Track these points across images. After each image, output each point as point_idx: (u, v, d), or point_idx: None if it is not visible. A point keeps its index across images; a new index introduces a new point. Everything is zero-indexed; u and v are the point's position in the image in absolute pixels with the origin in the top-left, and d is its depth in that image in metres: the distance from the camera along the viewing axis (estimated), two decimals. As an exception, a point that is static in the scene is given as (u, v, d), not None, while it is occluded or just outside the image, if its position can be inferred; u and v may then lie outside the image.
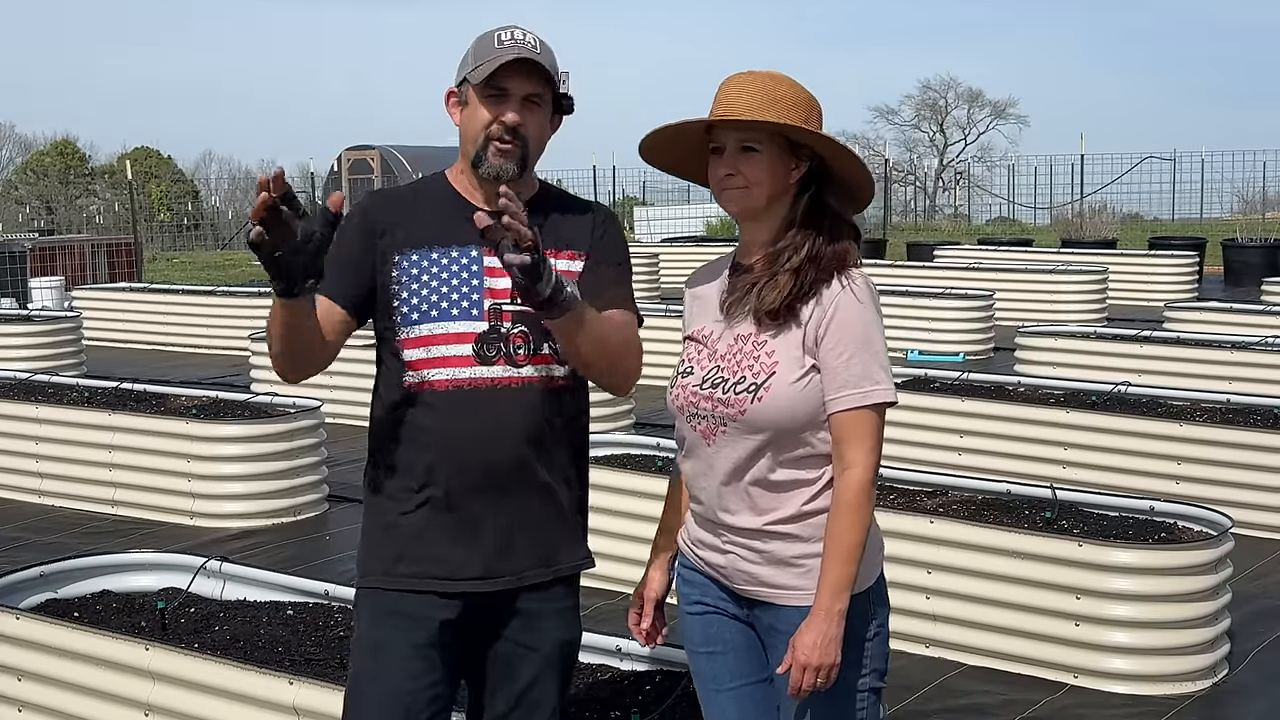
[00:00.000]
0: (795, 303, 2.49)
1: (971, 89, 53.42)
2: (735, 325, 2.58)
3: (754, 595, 2.59)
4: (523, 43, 2.64)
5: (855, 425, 2.48)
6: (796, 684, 2.46)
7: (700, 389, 2.58)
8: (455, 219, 2.69)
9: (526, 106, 2.65)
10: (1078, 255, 16.89)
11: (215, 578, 4.50)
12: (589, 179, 29.88)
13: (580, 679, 3.81)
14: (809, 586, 2.51)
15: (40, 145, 47.96)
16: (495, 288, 2.67)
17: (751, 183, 2.52)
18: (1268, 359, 9.11)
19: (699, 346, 2.65)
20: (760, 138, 2.51)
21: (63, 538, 6.72)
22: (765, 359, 2.51)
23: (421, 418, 2.67)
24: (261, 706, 3.70)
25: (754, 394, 2.49)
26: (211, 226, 35.34)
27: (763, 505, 2.54)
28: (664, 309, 11.93)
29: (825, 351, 2.48)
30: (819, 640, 2.44)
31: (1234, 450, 6.54)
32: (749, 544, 2.56)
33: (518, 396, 2.68)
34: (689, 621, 2.72)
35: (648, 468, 5.85)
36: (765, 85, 2.51)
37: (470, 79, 2.65)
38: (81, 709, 4.06)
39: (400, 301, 2.67)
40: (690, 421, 2.61)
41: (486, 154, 2.66)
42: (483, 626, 2.72)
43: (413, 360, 2.67)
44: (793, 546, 2.53)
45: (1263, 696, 4.67)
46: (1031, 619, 4.74)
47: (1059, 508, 5.09)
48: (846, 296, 2.49)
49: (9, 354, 10.98)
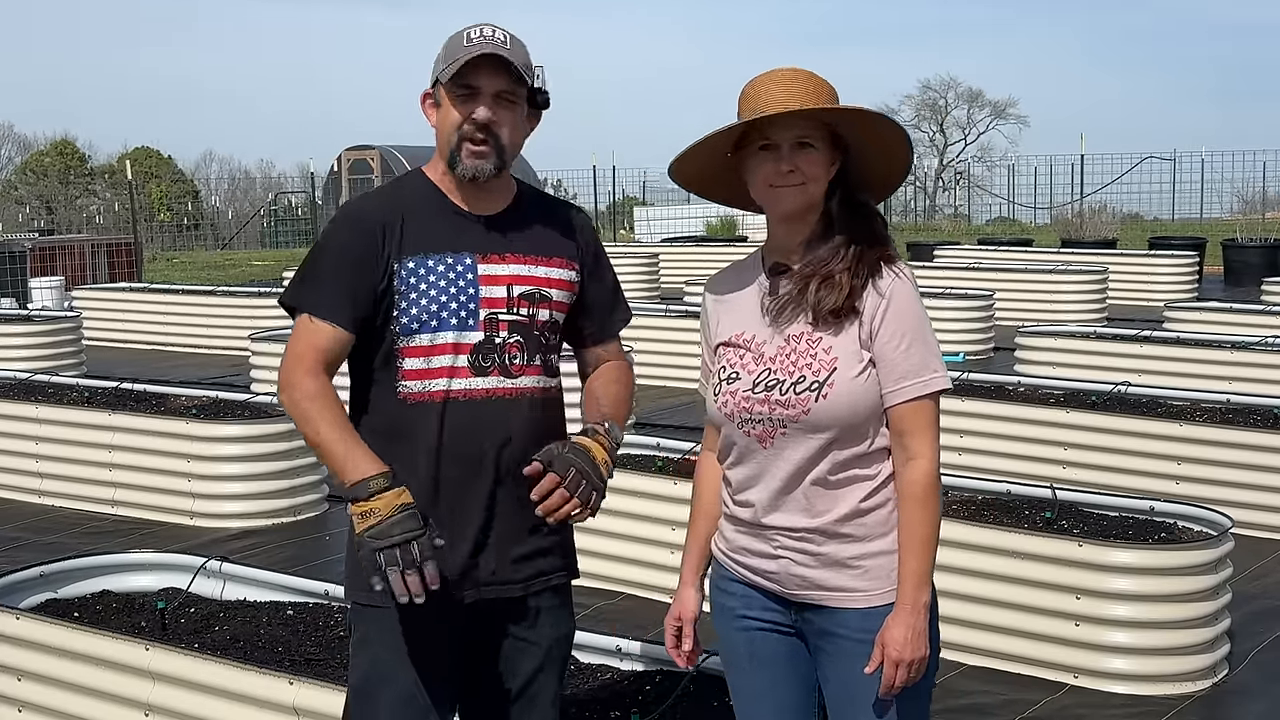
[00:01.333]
0: (854, 299, 2.47)
1: (971, 89, 53.46)
2: (785, 327, 2.53)
3: (808, 599, 2.54)
4: (491, 39, 2.59)
5: (918, 415, 2.47)
6: (890, 681, 2.43)
7: (753, 393, 2.52)
8: (447, 224, 2.66)
9: (499, 104, 2.60)
10: (1078, 255, 16.90)
11: (215, 578, 4.50)
12: (589, 179, 29.89)
13: (580, 679, 3.82)
14: (865, 588, 2.49)
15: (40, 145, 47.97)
16: (490, 296, 2.65)
17: (809, 178, 2.49)
18: (1268, 359, 9.10)
19: (740, 351, 2.58)
20: (816, 133, 2.48)
21: (63, 538, 6.72)
22: (823, 356, 2.47)
23: (418, 428, 2.62)
24: (261, 706, 3.70)
25: (817, 392, 2.45)
26: (211, 226, 35.35)
27: (820, 506, 2.50)
28: (664, 309, 11.96)
29: (882, 343, 2.46)
30: (908, 635, 2.42)
31: (1234, 450, 6.53)
32: (803, 546, 2.51)
33: (513, 407, 2.67)
34: (731, 635, 2.67)
35: (648, 468, 5.85)
36: (808, 80, 2.48)
37: (441, 79, 2.61)
38: (81, 709, 4.06)
39: (400, 311, 2.62)
40: (743, 427, 2.55)
41: (460, 155, 2.62)
42: (484, 627, 2.72)
43: (412, 370, 2.62)
44: (848, 547, 2.50)
45: (1263, 696, 4.67)
46: (1031, 619, 4.74)
47: (1059, 508, 5.09)
48: (899, 287, 2.47)
49: (9, 354, 10.98)
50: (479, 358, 2.64)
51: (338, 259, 2.63)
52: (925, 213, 35.10)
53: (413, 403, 2.63)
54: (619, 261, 17.86)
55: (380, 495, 2.46)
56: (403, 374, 2.63)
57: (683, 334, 10.80)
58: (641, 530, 5.58)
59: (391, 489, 2.48)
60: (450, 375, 2.62)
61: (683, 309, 11.89)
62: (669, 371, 10.53)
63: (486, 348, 2.64)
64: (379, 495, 2.46)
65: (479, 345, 2.64)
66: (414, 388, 2.63)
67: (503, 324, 2.66)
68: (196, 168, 49.45)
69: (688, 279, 14.74)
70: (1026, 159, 36.22)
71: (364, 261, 2.62)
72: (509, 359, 2.66)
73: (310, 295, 2.64)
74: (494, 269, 2.67)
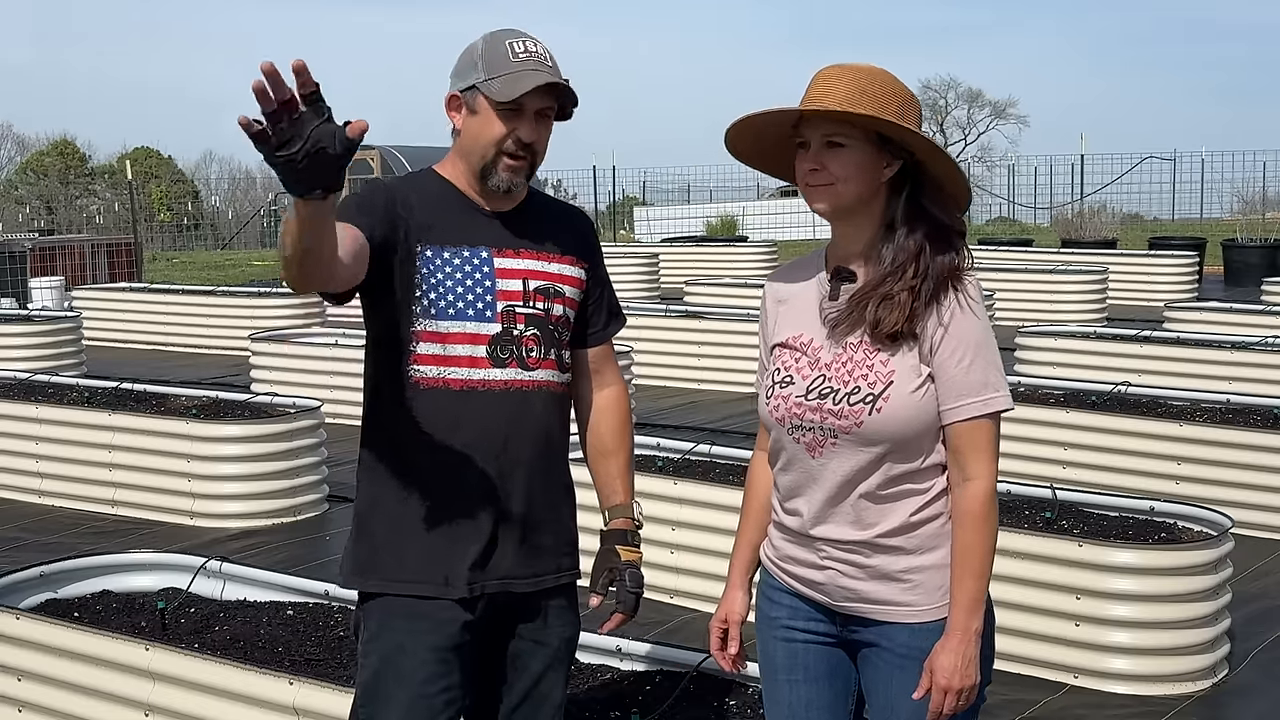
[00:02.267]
0: (914, 322, 2.37)
1: (971, 89, 53.65)
2: (842, 334, 2.44)
3: (855, 612, 2.48)
4: (539, 57, 2.59)
5: (976, 435, 2.38)
6: (938, 709, 2.36)
7: (806, 399, 2.44)
8: (463, 218, 2.68)
9: (539, 121, 2.63)
10: (1078, 255, 16.91)
11: (215, 578, 4.50)
12: (589, 179, 29.88)
13: (580, 679, 3.82)
14: (914, 602, 2.43)
15: (40, 145, 47.98)
16: (507, 289, 2.67)
17: (838, 179, 2.39)
18: (1268, 359, 9.10)
19: (796, 354, 2.49)
20: (849, 132, 2.37)
21: (63, 538, 6.71)
22: (880, 368, 2.38)
23: (436, 416, 2.62)
24: (261, 706, 3.70)
25: (871, 405, 2.37)
26: (211, 226, 35.36)
27: (868, 519, 2.43)
28: (664, 309, 11.95)
29: (942, 359, 2.37)
30: (959, 663, 2.35)
31: (1234, 450, 6.53)
32: (851, 559, 2.45)
33: (530, 399, 2.68)
34: (772, 645, 2.61)
35: (648, 468, 5.84)
36: (857, 78, 2.37)
37: (486, 90, 2.58)
38: (81, 709, 4.06)
39: (421, 293, 2.62)
40: (793, 434, 2.47)
41: (497, 167, 2.63)
42: (494, 624, 2.71)
43: (429, 355, 2.62)
44: (898, 560, 2.42)
45: (1263, 696, 4.67)
46: (1031, 619, 4.74)
47: (1059, 508, 5.09)
48: (963, 302, 2.38)
49: (9, 354, 10.97)
50: (497, 349, 2.65)
51: (360, 202, 2.57)
52: (925, 213, 35.02)
53: (426, 387, 2.62)
54: (619, 261, 17.89)
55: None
56: (415, 358, 2.62)
57: (683, 334, 10.80)
58: (641, 530, 5.57)
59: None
60: (470, 365, 2.63)
61: (683, 309, 11.89)
62: (669, 371, 10.53)
63: (504, 340, 2.65)
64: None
65: (497, 337, 2.65)
66: (429, 373, 2.62)
67: (520, 317, 2.67)
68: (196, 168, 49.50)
69: (688, 279, 14.73)
70: (1026, 159, 36.20)
71: (389, 215, 2.57)
72: (526, 352, 2.67)
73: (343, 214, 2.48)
74: (510, 263, 2.68)
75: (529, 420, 2.68)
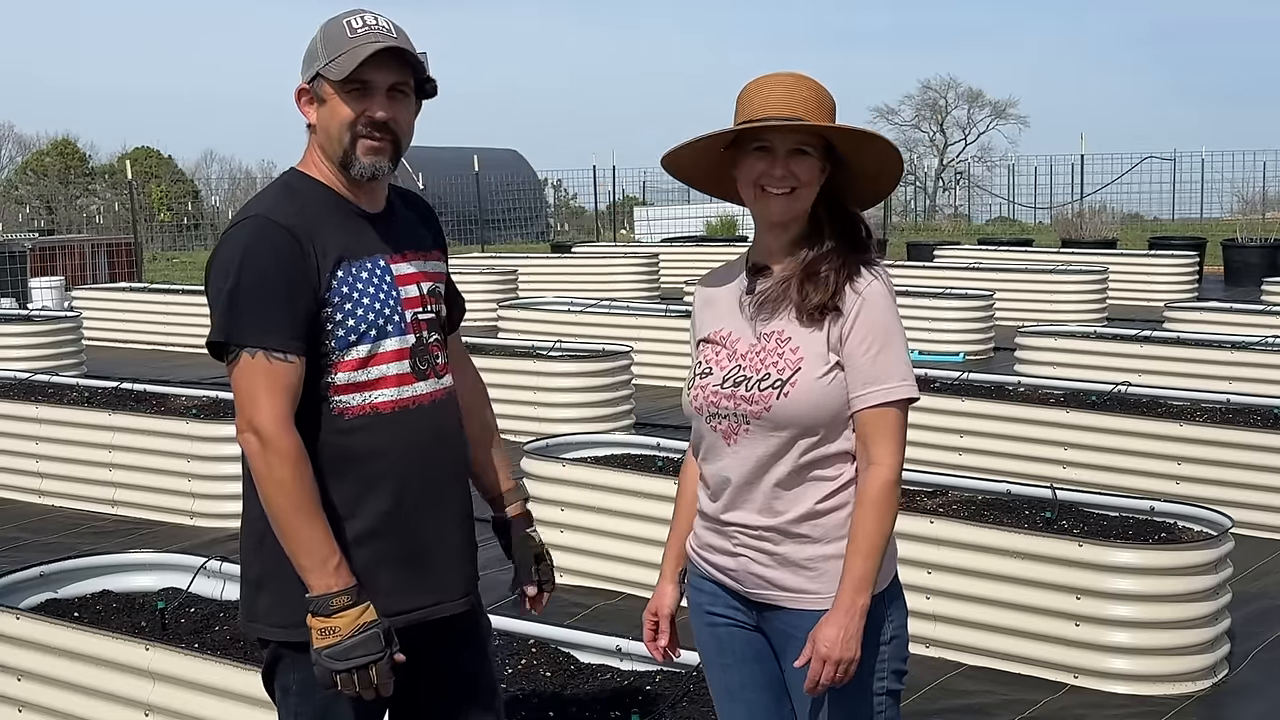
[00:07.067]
0: (838, 298, 2.48)
1: (971, 89, 53.56)
2: (760, 325, 2.55)
3: (765, 599, 2.56)
4: (379, 29, 2.44)
5: (881, 422, 2.48)
6: (815, 677, 2.44)
7: (721, 388, 2.55)
8: (354, 226, 2.52)
9: (392, 97, 2.47)
10: (1078, 255, 16.89)
11: (215, 578, 4.50)
12: (589, 179, 29.86)
13: (580, 679, 3.82)
14: (820, 590, 2.50)
15: (40, 145, 47.97)
16: (409, 296, 2.55)
17: (802, 184, 2.50)
18: (1268, 359, 9.10)
19: (716, 348, 2.60)
20: (815, 141, 2.49)
21: (63, 538, 6.72)
22: (790, 355, 2.49)
23: (367, 444, 2.47)
24: (262, 706, 3.69)
25: (779, 390, 2.47)
26: (211, 226, 35.31)
27: (778, 506, 2.52)
28: (664, 309, 11.96)
29: (851, 348, 2.47)
30: (840, 635, 2.43)
31: (1234, 450, 6.53)
32: (760, 545, 2.54)
33: (447, 409, 2.60)
34: (703, 632, 2.70)
35: (648, 468, 5.85)
36: (811, 89, 2.49)
37: (327, 74, 2.44)
38: (81, 709, 4.06)
39: (335, 324, 2.45)
40: (710, 422, 2.57)
41: (356, 153, 2.46)
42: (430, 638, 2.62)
43: (352, 384, 2.47)
44: (805, 548, 2.51)
45: (1263, 696, 4.67)
46: (1031, 619, 4.74)
47: (1059, 508, 5.09)
48: (871, 294, 2.48)
49: (9, 354, 10.98)
50: (417, 361, 2.54)
51: (274, 280, 2.39)
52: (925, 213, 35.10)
53: (351, 418, 2.47)
54: (619, 261, 17.81)
55: (342, 614, 2.35)
56: (334, 389, 2.46)
57: (683, 334, 10.78)
58: (642, 530, 5.58)
59: (354, 606, 2.36)
60: (396, 384, 2.51)
61: (682, 309, 11.89)
62: (669, 371, 10.53)
63: (419, 350, 2.55)
64: (341, 614, 2.35)
65: (414, 349, 2.54)
66: (352, 402, 2.47)
67: (423, 324, 2.57)
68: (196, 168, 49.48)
69: (687, 279, 14.74)
70: (1026, 159, 36.16)
71: (304, 277, 2.41)
72: (435, 359, 2.59)
73: (256, 327, 2.39)
74: (403, 268, 2.57)
75: (452, 431, 2.61)
